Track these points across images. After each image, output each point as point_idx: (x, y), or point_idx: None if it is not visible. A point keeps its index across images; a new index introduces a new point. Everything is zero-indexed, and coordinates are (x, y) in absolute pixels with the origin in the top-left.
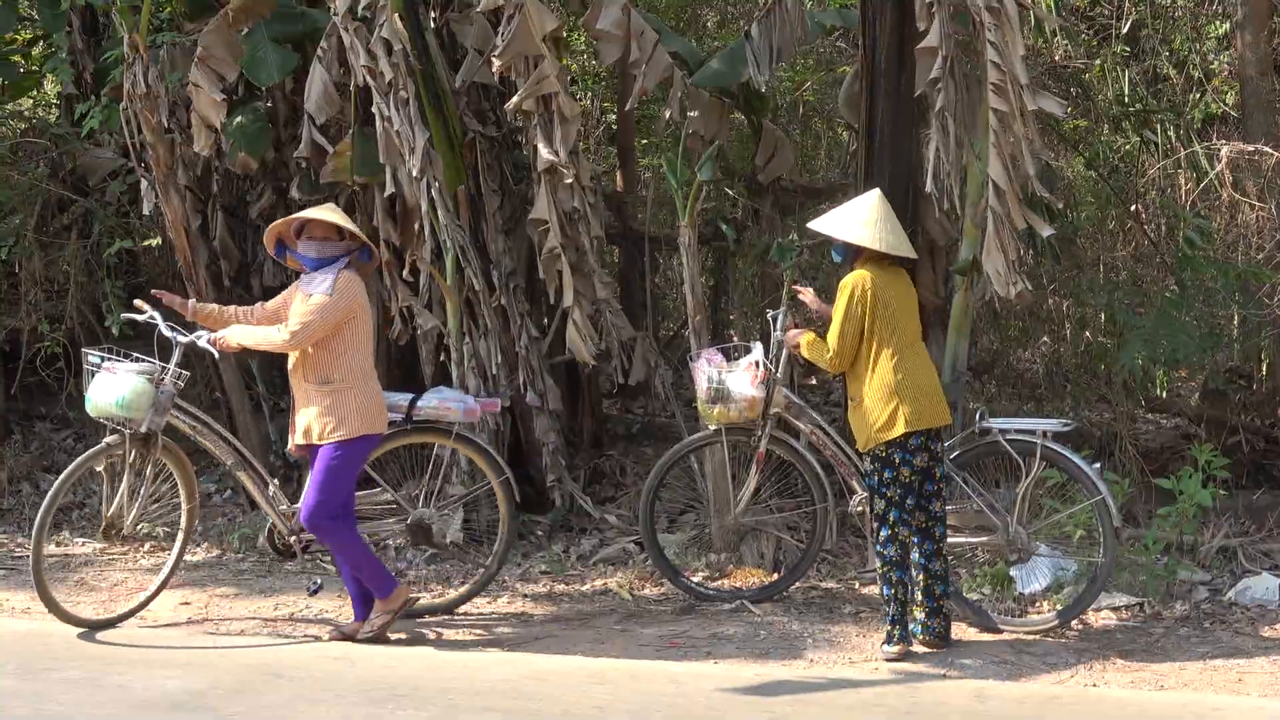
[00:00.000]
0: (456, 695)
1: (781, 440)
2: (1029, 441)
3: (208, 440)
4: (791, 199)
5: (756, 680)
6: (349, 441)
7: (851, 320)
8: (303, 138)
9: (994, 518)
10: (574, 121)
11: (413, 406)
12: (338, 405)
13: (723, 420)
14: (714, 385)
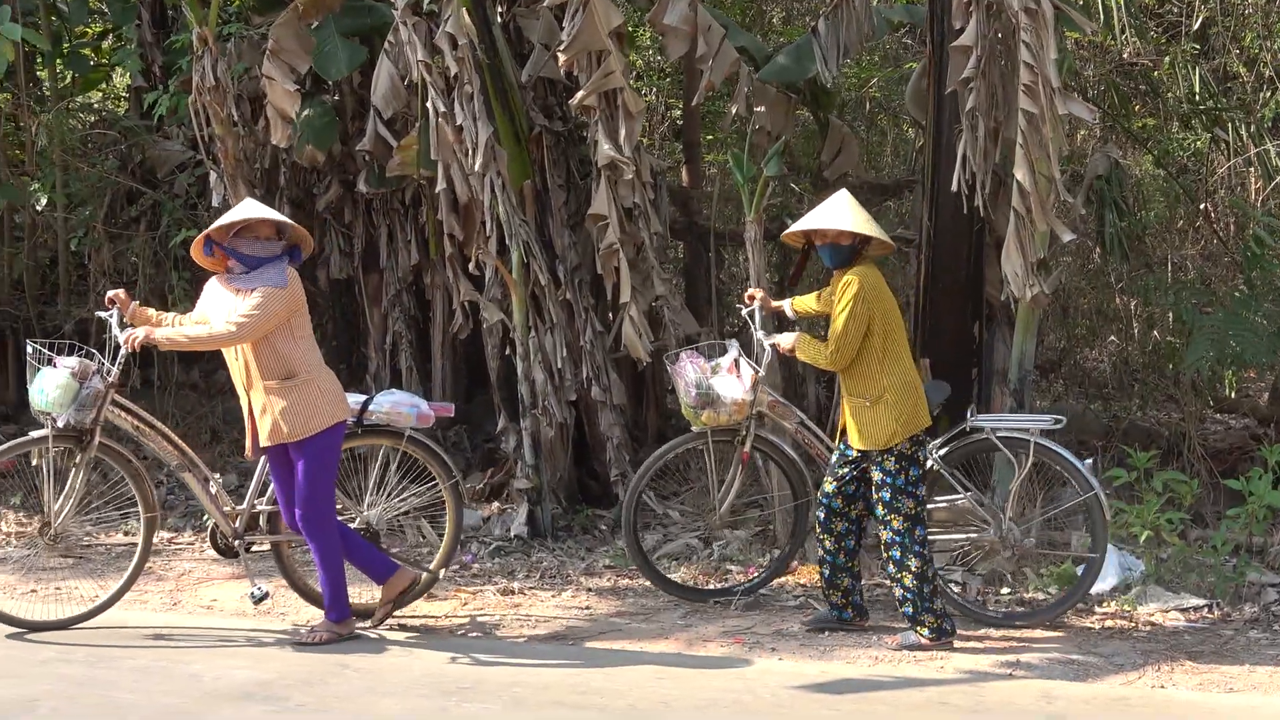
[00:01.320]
0: (522, 688)
1: (763, 439)
2: (1021, 439)
3: (150, 440)
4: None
5: (822, 677)
6: (325, 432)
7: (858, 318)
8: (369, 131)
9: (985, 514)
10: (638, 117)
11: (364, 410)
12: (305, 399)
13: (710, 423)
14: (701, 391)
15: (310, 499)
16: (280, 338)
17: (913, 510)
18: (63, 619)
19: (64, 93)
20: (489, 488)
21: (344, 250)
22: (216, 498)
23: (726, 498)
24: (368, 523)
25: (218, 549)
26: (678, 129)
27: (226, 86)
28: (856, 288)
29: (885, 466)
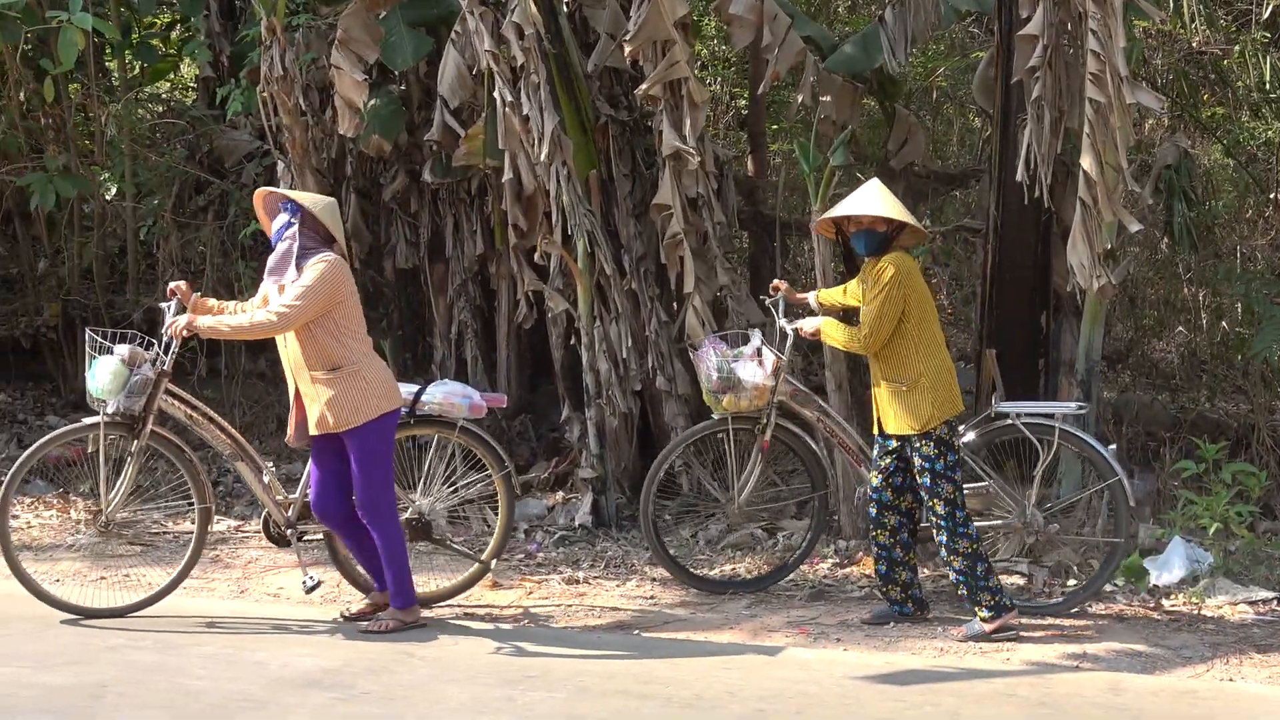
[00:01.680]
0: (588, 678)
1: (784, 427)
2: (1045, 425)
3: (203, 429)
4: (924, 185)
5: (887, 669)
6: (375, 422)
7: (894, 304)
8: (435, 121)
9: (1009, 500)
10: (703, 107)
11: (417, 400)
12: (352, 389)
13: (731, 409)
14: (723, 375)
15: (367, 488)
16: (324, 328)
17: (952, 494)
18: (118, 607)
19: (133, 83)
20: (553, 477)
21: (410, 240)
22: (269, 487)
23: (746, 486)
24: (420, 512)
25: (270, 538)
26: (743, 118)
27: (294, 77)
28: (892, 273)
29: (924, 451)
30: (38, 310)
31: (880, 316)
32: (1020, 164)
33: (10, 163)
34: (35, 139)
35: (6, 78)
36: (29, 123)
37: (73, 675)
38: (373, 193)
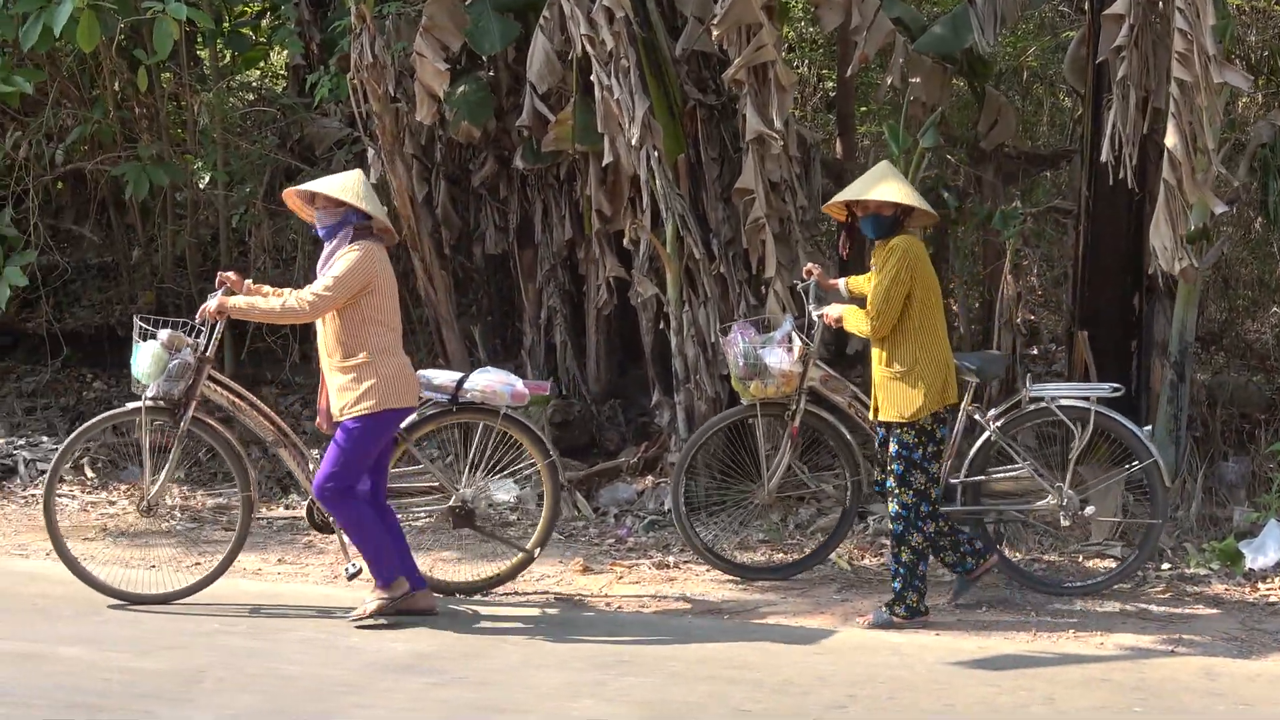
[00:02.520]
0: (678, 662)
1: (815, 414)
2: (1080, 407)
3: (246, 415)
4: (1014, 166)
5: (980, 653)
6: (370, 416)
7: (901, 285)
8: (524, 106)
9: (1045, 483)
10: (789, 91)
11: (459, 387)
12: (358, 380)
13: (758, 395)
14: (749, 360)
15: (326, 475)
16: (350, 317)
17: (923, 486)
18: (163, 593)
19: (224, 72)
20: (643, 462)
21: (499, 226)
22: (312, 474)
23: (776, 473)
24: (463, 500)
25: (314, 524)
26: (831, 101)
27: (384, 64)
28: (900, 255)
29: (904, 439)
30: (132, 298)
31: (887, 298)
32: (1105, 144)
33: (105, 152)
34: (129, 129)
35: (101, 68)
36: (123, 112)
37: (169, 660)
38: (462, 179)
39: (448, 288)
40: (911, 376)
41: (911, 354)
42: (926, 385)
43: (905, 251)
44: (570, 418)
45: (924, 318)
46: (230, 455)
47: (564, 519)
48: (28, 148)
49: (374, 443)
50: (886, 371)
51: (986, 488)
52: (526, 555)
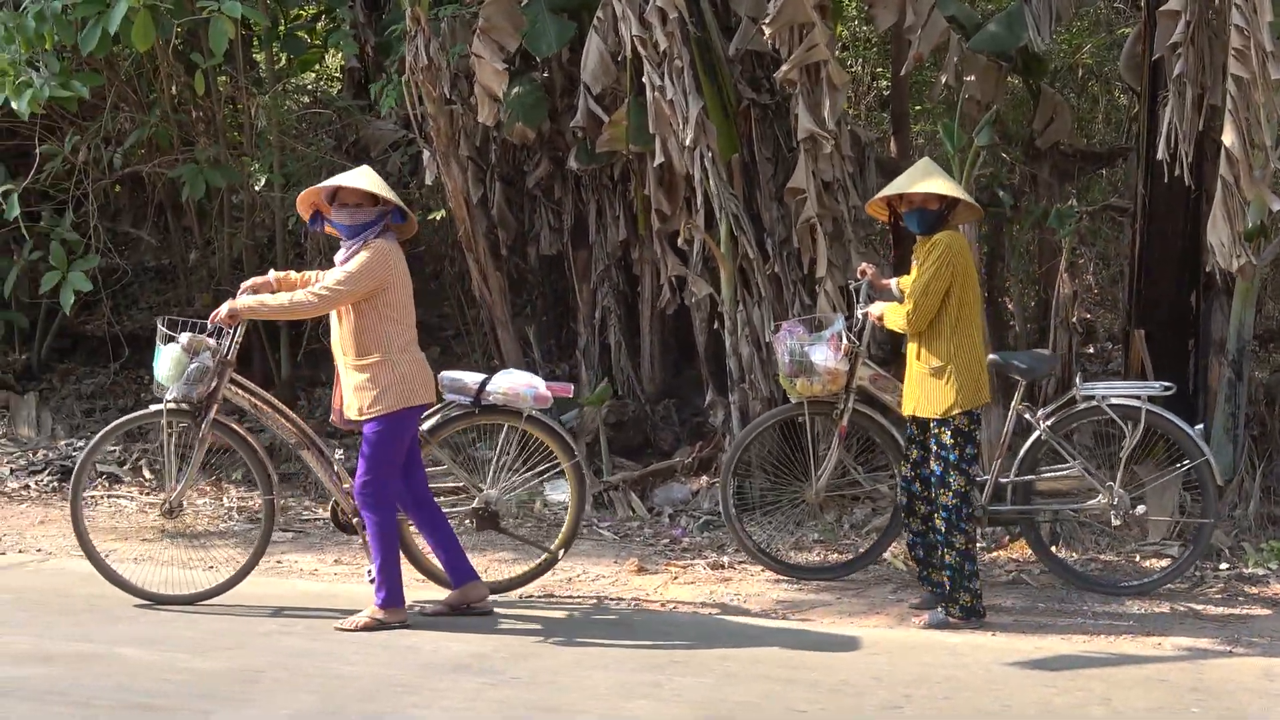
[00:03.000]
0: (733, 663)
1: (863, 413)
2: (1131, 406)
3: (268, 418)
4: (1070, 164)
5: (1036, 653)
6: (389, 415)
7: (941, 280)
8: (579, 107)
9: (1095, 482)
10: (842, 90)
11: (482, 389)
12: (376, 379)
13: (805, 393)
14: (796, 358)
15: (367, 478)
16: (364, 314)
17: (962, 487)
18: (188, 594)
19: (280, 75)
20: (697, 462)
21: (554, 227)
22: (336, 475)
23: (824, 472)
24: (487, 501)
25: (338, 524)
26: (885, 99)
27: (439, 66)
28: (943, 249)
29: (941, 439)
30: (189, 300)
31: (926, 291)
32: (1161, 142)
33: (162, 155)
34: (186, 131)
35: (158, 72)
36: (180, 115)
37: (227, 660)
38: (517, 180)
39: (503, 289)
40: (945, 373)
41: (947, 351)
42: (960, 383)
43: (948, 247)
44: (625, 418)
45: (961, 315)
46: (252, 459)
47: (619, 519)
48: (86, 152)
49: (397, 441)
50: (921, 367)
51: (1037, 487)
52: (550, 556)
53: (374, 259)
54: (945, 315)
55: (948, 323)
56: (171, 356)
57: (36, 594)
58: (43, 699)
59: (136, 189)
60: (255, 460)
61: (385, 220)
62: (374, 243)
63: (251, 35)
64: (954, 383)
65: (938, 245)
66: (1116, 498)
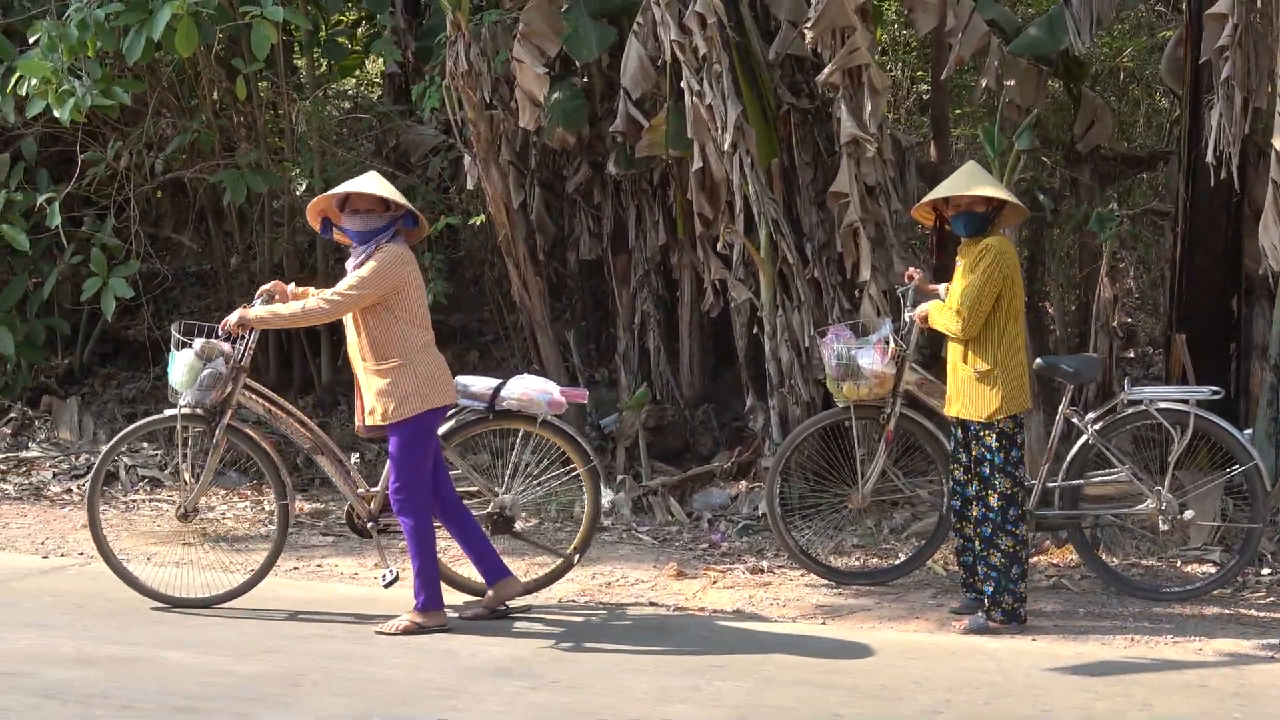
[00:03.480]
0: (772, 667)
1: (910, 417)
2: (1180, 410)
3: (282, 424)
4: (1111, 168)
5: (1076, 659)
6: (416, 418)
7: (993, 285)
8: (618, 112)
9: (1144, 487)
10: (883, 94)
11: (496, 395)
12: (397, 383)
13: (851, 397)
14: (843, 361)
15: (400, 482)
16: (380, 318)
17: (1008, 490)
18: (203, 598)
19: (321, 80)
20: (736, 466)
21: (593, 231)
22: (351, 479)
23: (871, 477)
24: (502, 506)
25: (354, 528)
26: (925, 103)
27: (480, 71)
28: (994, 255)
29: (986, 442)
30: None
31: (979, 297)
32: (1210, 145)
33: (204, 161)
34: (227, 137)
35: (200, 78)
36: (222, 121)
37: (269, 664)
38: (556, 185)
39: (542, 293)
40: (990, 378)
41: (993, 355)
42: (1004, 388)
43: (999, 252)
44: (664, 422)
45: (1009, 320)
46: (267, 464)
47: (658, 524)
48: (128, 157)
49: (424, 443)
50: (966, 370)
51: (1084, 492)
52: (566, 561)
53: (387, 262)
54: (994, 320)
55: (995, 327)
56: (185, 362)
57: (79, 597)
58: (86, 702)
59: (178, 194)
60: (270, 466)
61: (396, 225)
62: (385, 246)
63: (292, 41)
64: (999, 387)
65: (988, 251)
66: (1165, 502)
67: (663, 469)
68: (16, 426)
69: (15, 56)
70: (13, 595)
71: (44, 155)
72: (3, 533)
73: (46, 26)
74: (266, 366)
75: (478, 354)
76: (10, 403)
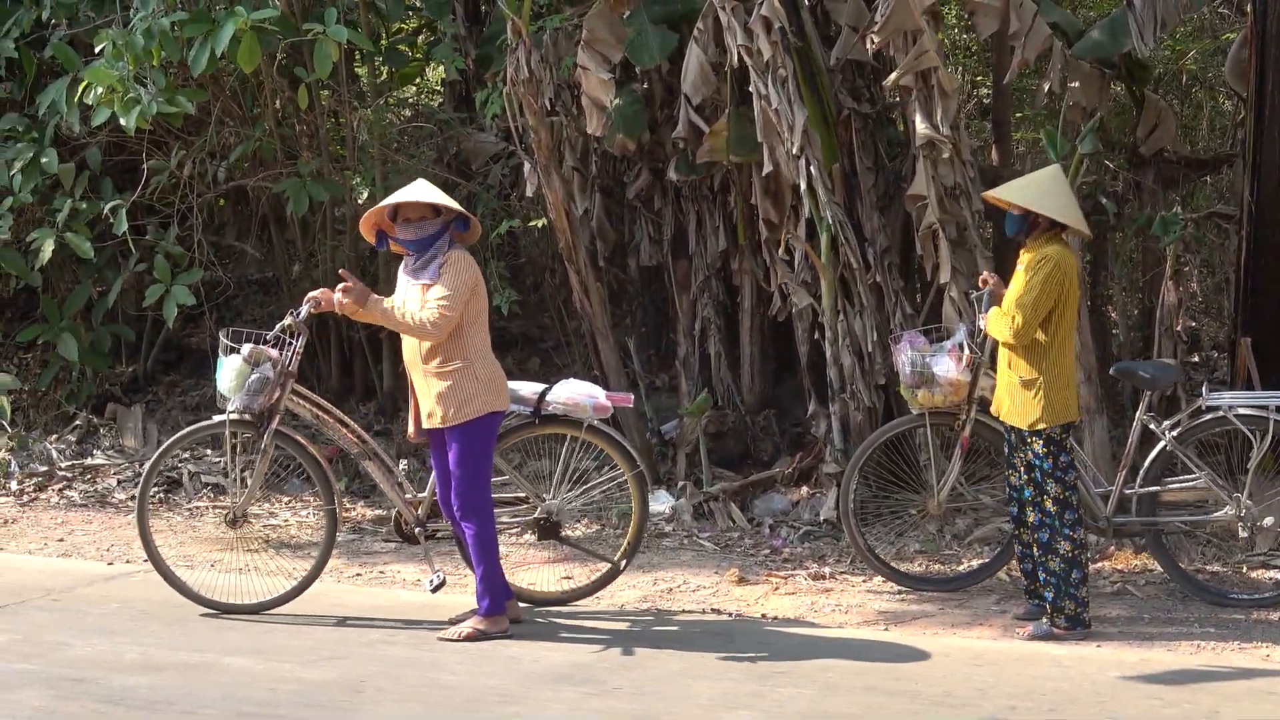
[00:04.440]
0: (835, 674)
1: (985, 424)
2: (1259, 416)
3: (331, 429)
4: (1174, 171)
5: (1142, 665)
6: (478, 420)
7: (1049, 295)
8: (679, 118)
9: (1223, 494)
10: (953, 96)
11: (542, 399)
12: (461, 385)
13: (926, 404)
14: (917, 368)
15: (465, 486)
16: None
17: (1061, 494)
18: (251, 604)
19: (382, 88)
20: (798, 472)
21: (654, 237)
22: (399, 485)
23: (946, 483)
24: (549, 511)
25: (401, 535)
26: (985, 107)
27: (540, 78)
28: (1053, 266)
29: (1034, 448)
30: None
31: (1037, 305)
32: None
33: (266, 169)
34: (289, 146)
35: (262, 87)
36: (284, 130)
37: (332, 670)
38: (617, 191)
39: (603, 300)
40: (1034, 386)
41: (1039, 364)
42: (1047, 398)
43: (1058, 264)
44: (724, 428)
45: (1059, 331)
46: (315, 470)
47: (719, 529)
48: (192, 166)
49: (485, 445)
50: (1012, 376)
51: (1162, 498)
52: (613, 568)
53: (460, 270)
54: (1045, 329)
55: (1045, 338)
56: (233, 368)
57: (144, 604)
58: (152, 708)
59: (240, 203)
60: (318, 471)
61: (450, 230)
62: (451, 255)
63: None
64: (1042, 397)
65: (1048, 261)
66: (1244, 509)
67: (724, 475)
68: (82, 434)
69: (81, 67)
70: (78, 602)
71: (108, 164)
72: (69, 540)
73: (112, 35)
74: (328, 373)
75: (538, 360)
76: (76, 410)
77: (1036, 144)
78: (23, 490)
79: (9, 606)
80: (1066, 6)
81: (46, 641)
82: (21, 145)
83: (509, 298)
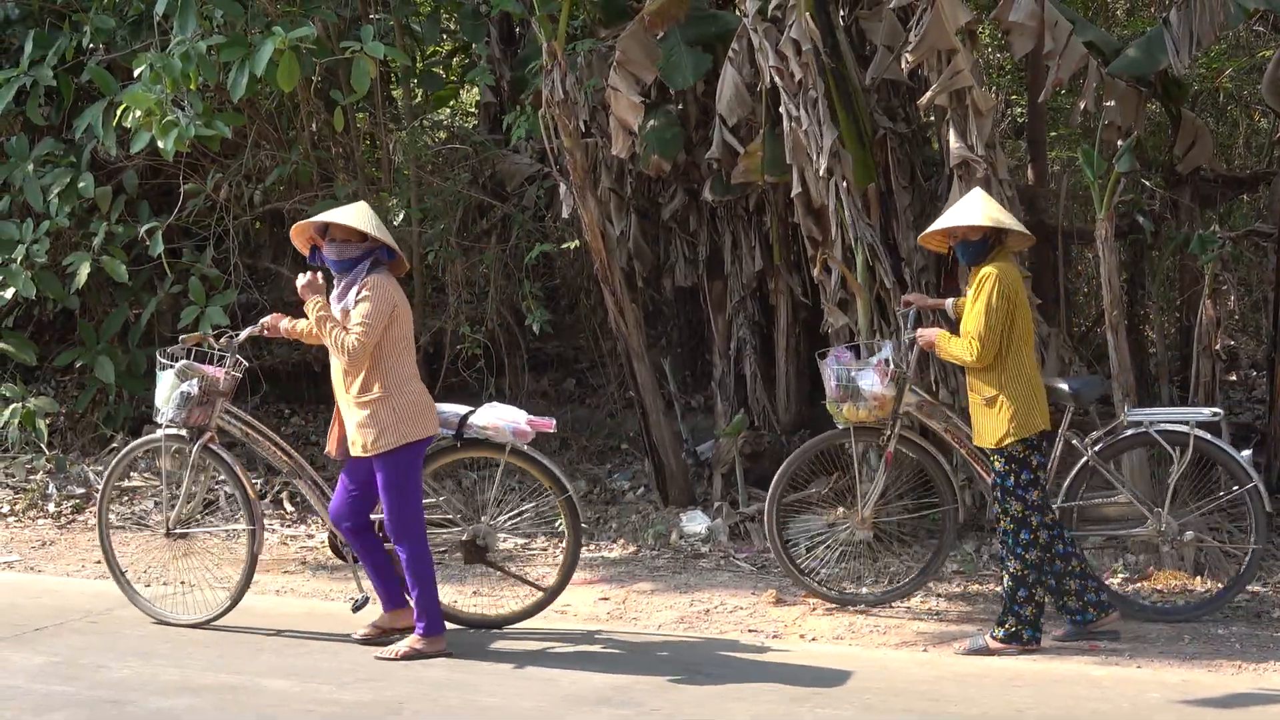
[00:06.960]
0: (872, 695)
1: (911, 440)
2: (1179, 432)
3: (261, 447)
4: (1211, 189)
5: (1182, 686)
6: (396, 451)
7: (998, 312)
8: (714, 139)
9: (1143, 509)
10: (988, 115)
11: (464, 423)
12: (378, 415)
13: (852, 419)
14: (843, 383)
15: (395, 512)
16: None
17: (1020, 513)
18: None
19: (417, 111)
20: (833, 493)
21: (689, 258)
22: (327, 503)
23: (870, 498)
24: (475, 534)
25: (335, 552)
26: (1020, 126)
27: (575, 99)
28: (994, 281)
29: (995, 466)
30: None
31: (989, 325)
32: None
33: (302, 192)
34: (325, 168)
35: (299, 110)
36: (320, 152)
37: (369, 692)
38: (652, 212)
39: (638, 320)
40: (995, 403)
41: (996, 381)
42: (1011, 413)
43: (998, 278)
44: (760, 449)
45: (1012, 344)
46: (238, 488)
47: (756, 550)
48: (228, 189)
49: (409, 471)
50: (975, 398)
51: (1085, 513)
52: (546, 595)
53: (378, 296)
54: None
55: (999, 353)
56: (167, 383)
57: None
58: None
59: (276, 225)
60: (240, 490)
61: (374, 256)
62: (369, 280)
63: (389, 72)
64: (1006, 412)
65: (988, 278)
66: (1165, 524)
67: (759, 495)
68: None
69: (118, 91)
70: (116, 624)
71: (145, 188)
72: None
73: (151, 58)
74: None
75: (574, 381)
76: (112, 433)
77: (1072, 163)
78: (60, 512)
79: (48, 628)
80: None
81: (85, 663)
82: (59, 170)
83: (541, 317)
